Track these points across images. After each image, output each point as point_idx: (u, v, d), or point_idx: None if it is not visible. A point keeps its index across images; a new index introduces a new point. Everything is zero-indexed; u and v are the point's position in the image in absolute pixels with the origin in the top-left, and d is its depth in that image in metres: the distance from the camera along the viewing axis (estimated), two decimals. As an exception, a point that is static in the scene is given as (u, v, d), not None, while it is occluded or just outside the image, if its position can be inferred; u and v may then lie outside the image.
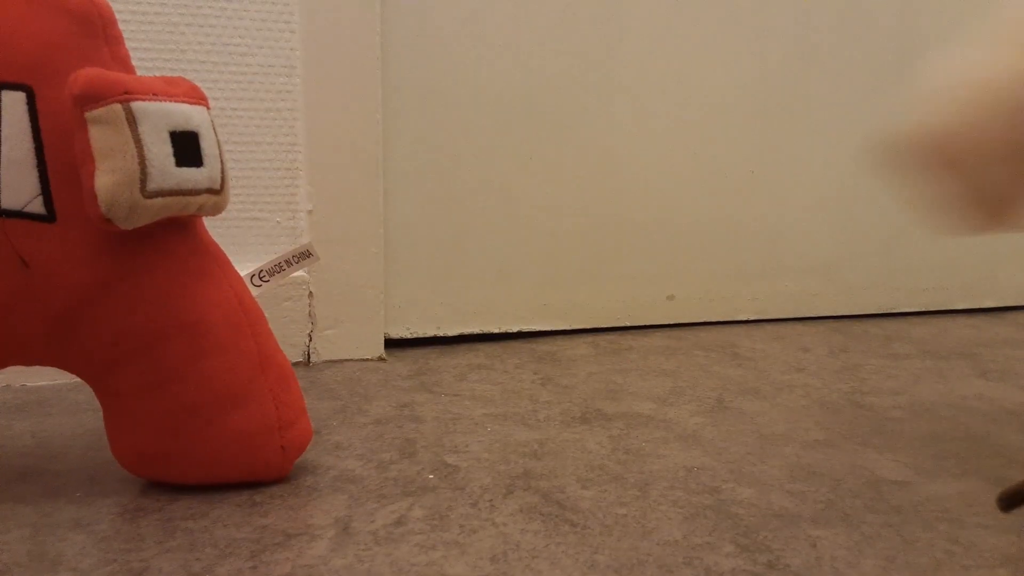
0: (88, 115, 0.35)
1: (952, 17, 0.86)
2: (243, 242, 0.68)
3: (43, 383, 0.62)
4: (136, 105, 0.36)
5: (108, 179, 0.35)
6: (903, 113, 0.36)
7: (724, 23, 0.80)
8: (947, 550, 0.37)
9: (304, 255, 0.48)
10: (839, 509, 0.41)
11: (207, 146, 0.38)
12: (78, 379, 0.42)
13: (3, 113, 0.37)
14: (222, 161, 0.40)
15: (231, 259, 0.43)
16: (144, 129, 0.36)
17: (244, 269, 0.45)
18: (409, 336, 0.76)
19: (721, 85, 0.81)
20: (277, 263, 0.47)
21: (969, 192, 0.33)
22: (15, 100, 0.37)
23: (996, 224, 0.34)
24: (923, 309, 0.96)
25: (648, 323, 0.83)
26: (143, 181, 0.36)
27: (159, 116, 0.37)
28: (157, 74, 0.39)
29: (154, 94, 0.37)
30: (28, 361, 0.41)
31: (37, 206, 0.38)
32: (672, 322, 0.84)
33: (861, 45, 0.85)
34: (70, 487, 0.42)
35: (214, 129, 0.40)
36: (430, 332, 0.76)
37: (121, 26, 0.40)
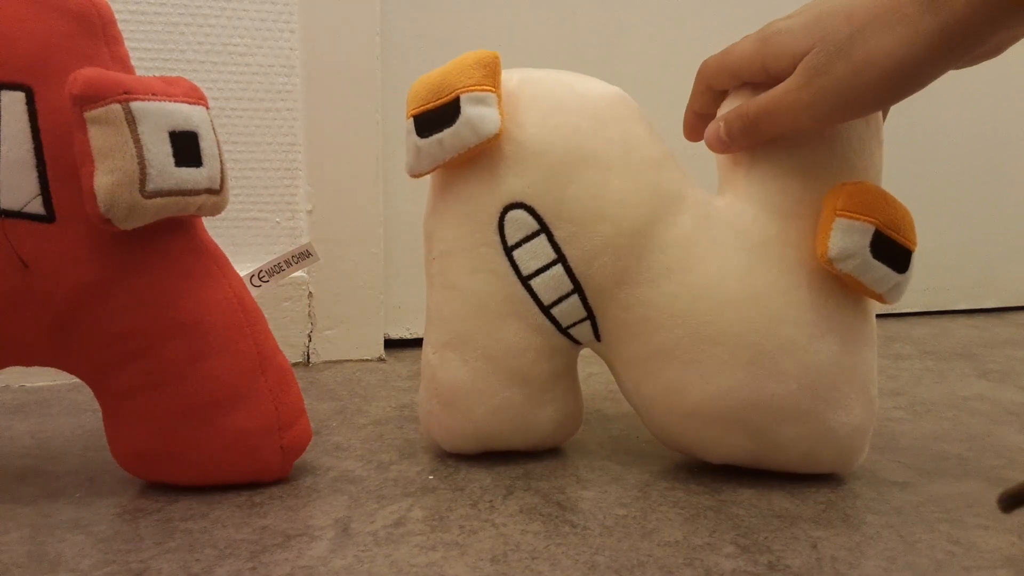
0: (87, 115, 0.35)
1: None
2: (243, 242, 0.68)
3: (43, 383, 0.62)
4: (135, 105, 0.36)
5: (107, 179, 0.35)
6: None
7: (725, 23, 0.80)
8: (948, 551, 0.37)
9: (304, 255, 0.48)
10: (840, 510, 0.41)
11: (206, 146, 0.38)
12: (78, 379, 0.42)
13: (2, 113, 0.37)
14: (221, 161, 0.40)
15: (231, 259, 0.43)
16: (143, 129, 0.36)
17: (243, 269, 0.45)
18: (409, 336, 0.76)
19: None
20: (277, 263, 0.47)
21: None
22: (14, 100, 0.37)
23: None
24: (923, 309, 0.96)
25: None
26: (142, 181, 0.36)
27: (158, 116, 0.36)
28: (157, 74, 0.39)
29: (153, 94, 0.37)
30: (28, 361, 0.41)
31: (36, 206, 0.38)
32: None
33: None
34: (70, 488, 0.42)
35: (213, 129, 0.39)
36: (430, 332, 0.76)
37: (121, 26, 0.40)
